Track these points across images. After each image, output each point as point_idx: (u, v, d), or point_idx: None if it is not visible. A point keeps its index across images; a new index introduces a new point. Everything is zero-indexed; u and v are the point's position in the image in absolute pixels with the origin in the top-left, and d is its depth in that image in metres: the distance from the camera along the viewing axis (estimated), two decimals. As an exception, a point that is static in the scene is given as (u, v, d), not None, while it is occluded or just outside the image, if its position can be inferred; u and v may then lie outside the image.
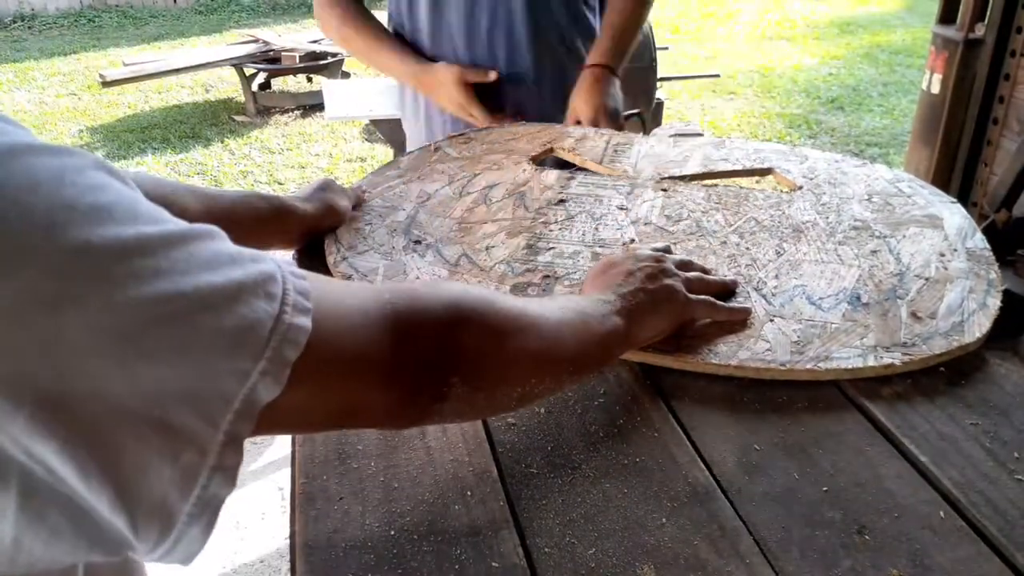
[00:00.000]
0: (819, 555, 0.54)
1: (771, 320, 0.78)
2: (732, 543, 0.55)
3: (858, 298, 0.82)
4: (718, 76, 4.11)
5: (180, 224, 0.39)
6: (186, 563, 0.39)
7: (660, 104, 2.80)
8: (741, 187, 1.09)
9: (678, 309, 0.72)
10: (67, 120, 4.58)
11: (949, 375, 0.72)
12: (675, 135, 1.27)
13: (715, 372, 0.73)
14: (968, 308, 0.81)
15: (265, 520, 1.94)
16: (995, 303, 0.81)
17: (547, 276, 0.85)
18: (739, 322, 0.76)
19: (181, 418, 0.36)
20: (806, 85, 5.15)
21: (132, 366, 0.34)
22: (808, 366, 0.72)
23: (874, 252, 0.90)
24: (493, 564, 0.53)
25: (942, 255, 0.90)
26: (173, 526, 0.37)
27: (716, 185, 1.08)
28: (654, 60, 2.66)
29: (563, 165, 1.16)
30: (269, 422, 0.40)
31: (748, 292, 0.82)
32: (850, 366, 0.72)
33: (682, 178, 1.09)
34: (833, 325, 0.77)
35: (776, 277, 0.85)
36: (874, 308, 0.80)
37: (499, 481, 0.60)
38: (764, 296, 0.82)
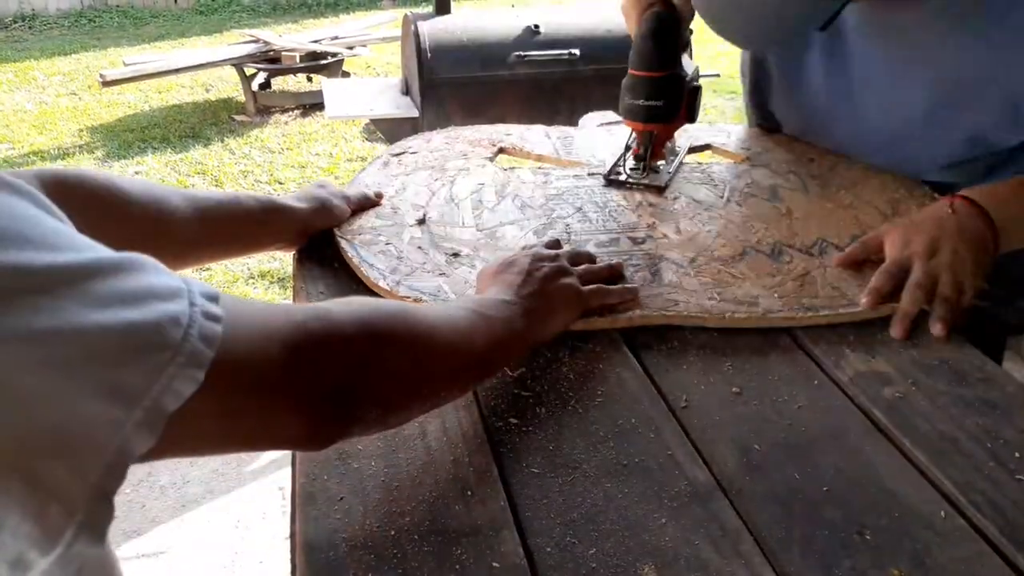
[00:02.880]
0: (819, 555, 0.54)
1: (824, 269, 0.85)
2: (733, 543, 0.55)
3: None
4: (719, 76, 4.11)
5: (91, 254, 0.37)
6: None
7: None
8: (699, 163, 1.13)
9: (574, 306, 0.75)
10: (67, 120, 4.57)
11: (949, 375, 0.72)
12: (605, 124, 1.29)
13: (846, 320, 0.79)
14: None
15: (265, 520, 1.94)
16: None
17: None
18: (630, 301, 0.79)
19: (49, 469, 0.33)
20: (806, 85, 5.15)
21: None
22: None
23: (851, 202, 1.00)
24: (494, 564, 0.53)
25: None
26: None
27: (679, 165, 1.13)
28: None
29: None
30: (173, 445, 0.39)
31: (785, 250, 0.89)
32: None
33: None
34: None
35: (796, 235, 0.92)
36: None
37: (500, 481, 0.60)
38: (804, 252, 0.89)
